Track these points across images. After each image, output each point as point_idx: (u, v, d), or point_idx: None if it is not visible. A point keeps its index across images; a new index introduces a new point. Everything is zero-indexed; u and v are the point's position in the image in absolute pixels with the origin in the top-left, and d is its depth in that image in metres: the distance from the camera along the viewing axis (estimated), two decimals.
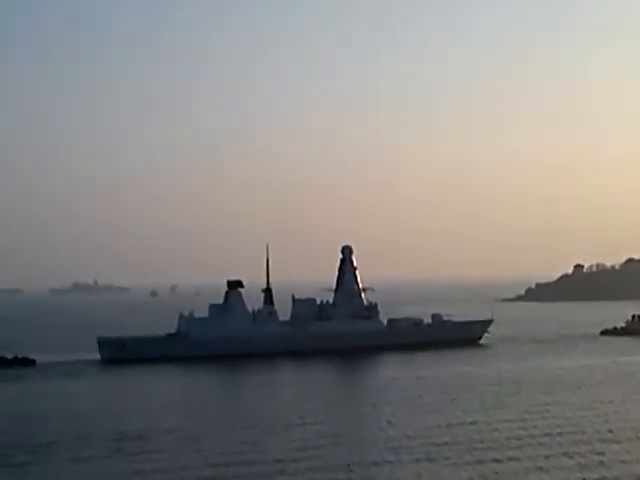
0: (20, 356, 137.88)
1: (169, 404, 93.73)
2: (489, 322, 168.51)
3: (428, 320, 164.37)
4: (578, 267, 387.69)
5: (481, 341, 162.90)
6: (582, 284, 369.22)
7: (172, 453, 65.69)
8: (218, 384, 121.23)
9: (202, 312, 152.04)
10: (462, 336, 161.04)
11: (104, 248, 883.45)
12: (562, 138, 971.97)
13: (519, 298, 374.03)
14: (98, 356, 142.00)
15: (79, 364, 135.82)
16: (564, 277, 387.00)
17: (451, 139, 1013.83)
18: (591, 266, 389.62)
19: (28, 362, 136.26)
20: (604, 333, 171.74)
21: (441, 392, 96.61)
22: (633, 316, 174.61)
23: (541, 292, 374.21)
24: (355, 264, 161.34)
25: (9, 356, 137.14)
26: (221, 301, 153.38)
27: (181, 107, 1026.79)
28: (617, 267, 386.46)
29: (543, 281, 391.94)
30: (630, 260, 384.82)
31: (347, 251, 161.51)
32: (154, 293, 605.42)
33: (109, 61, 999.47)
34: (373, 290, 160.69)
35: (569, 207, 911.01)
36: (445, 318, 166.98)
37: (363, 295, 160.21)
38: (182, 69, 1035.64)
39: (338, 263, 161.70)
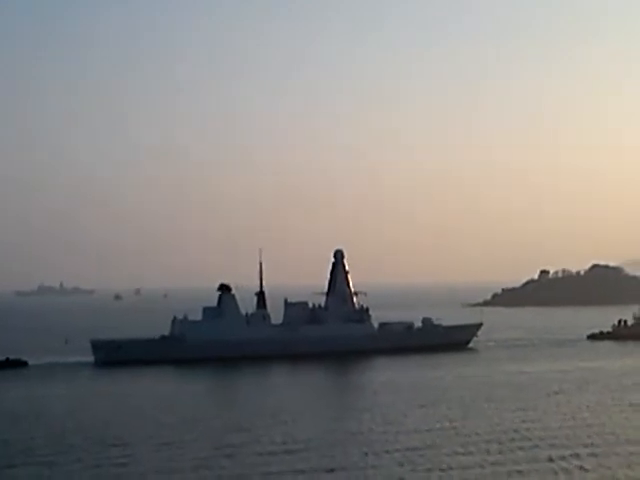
0: (12, 358, 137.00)
1: (159, 407, 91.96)
2: (479, 326, 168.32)
3: (419, 324, 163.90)
4: (544, 273, 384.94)
5: (470, 345, 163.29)
6: (548, 289, 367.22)
7: (152, 457, 64.23)
8: (211, 386, 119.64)
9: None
10: (452, 340, 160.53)
11: (69, 251, 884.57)
12: (529, 151, 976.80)
13: (485, 303, 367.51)
14: (91, 358, 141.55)
15: (73, 366, 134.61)
16: (530, 282, 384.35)
17: (431, 150, 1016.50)
18: (557, 272, 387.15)
19: (20, 364, 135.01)
20: (591, 337, 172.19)
21: (426, 396, 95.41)
22: (619, 321, 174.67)
23: (507, 297, 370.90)
24: (347, 268, 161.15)
25: (0, 358, 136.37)
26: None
27: (164, 111, 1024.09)
28: (582, 273, 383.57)
29: (509, 286, 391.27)
30: (595, 266, 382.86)
31: (339, 255, 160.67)
32: (118, 296, 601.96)
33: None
34: (365, 294, 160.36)
35: (535, 215, 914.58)
36: (435, 322, 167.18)
37: (355, 299, 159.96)
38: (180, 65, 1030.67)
39: (330, 267, 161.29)
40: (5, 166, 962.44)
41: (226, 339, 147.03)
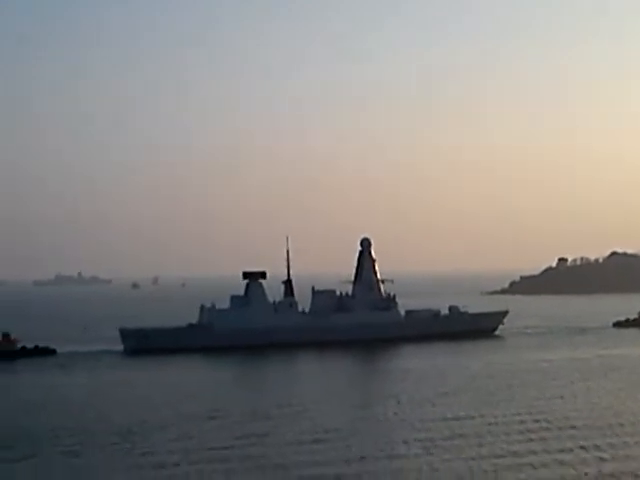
0: (41, 346, 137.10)
1: (185, 395, 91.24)
2: (505, 313, 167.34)
3: (445, 312, 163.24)
4: (562, 260, 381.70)
5: (496, 332, 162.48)
6: (566, 277, 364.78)
7: (174, 446, 63.17)
8: (238, 375, 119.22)
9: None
10: (478, 327, 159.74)
11: (87, 240, 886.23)
12: (546, 135, 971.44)
13: (504, 291, 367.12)
14: (120, 347, 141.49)
15: (101, 355, 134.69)
16: (548, 270, 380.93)
17: (451, 140, 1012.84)
18: (575, 259, 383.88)
19: (48, 352, 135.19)
20: (617, 325, 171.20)
21: (453, 383, 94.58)
22: None
23: (526, 285, 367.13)
24: (374, 256, 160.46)
25: (29, 345, 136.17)
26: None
27: (194, 106, 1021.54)
28: (601, 260, 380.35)
29: (527, 274, 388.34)
30: (614, 254, 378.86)
31: (366, 243, 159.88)
32: (136, 285, 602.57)
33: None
34: (392, 282, 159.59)
35: (554, 201, 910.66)
36: (462, 309, 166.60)
37: (382, 287, 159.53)
38: (194, 64, 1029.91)
39: (357, 255, 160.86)
40: (18, 155, 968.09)
41: (254, 327, 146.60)
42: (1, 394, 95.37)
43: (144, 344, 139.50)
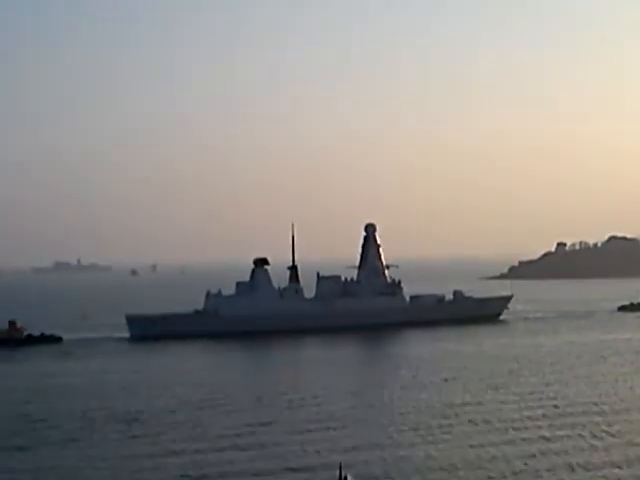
0: (47, 333, 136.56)
1: (189, 382, 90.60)
2: (509, 298, 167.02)
3: (450, 297, 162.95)
4: (561, 245, 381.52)
5: (501, 317, 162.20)
6: (565, 262, 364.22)
7: (174, 434, 62.28)
8: (245, 360, 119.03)
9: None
10: (483, 312, 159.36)
11: (85, 227, 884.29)
12: (544, 121, 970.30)
13: (503, 276, 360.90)
14: (126, 333, 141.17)
15: (107, 341, 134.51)
16: (547, 255, 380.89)
17: (451, 130, 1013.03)
18: (574, 244, 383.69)
19: (54, 339, 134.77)
20: (622, 309, 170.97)
21: (455, 368, 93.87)
22: None
23: (525, 270, 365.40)
24: (379, 242, 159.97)
25: (35, 333, 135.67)
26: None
27: (195, 93, 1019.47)
28: (599, 245, 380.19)
29: (526, 259, 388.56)
30: (613, 238, 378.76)
31: (371, 229, 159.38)
32: (134, 272, 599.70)
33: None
34: (397, 267, 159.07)
35: (552, 187, 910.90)
36: (466, 295, 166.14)
37: (387, 272, 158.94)
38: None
39: (362, 241, 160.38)
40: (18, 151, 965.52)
41: (259, 313, 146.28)
42: (7, 381, 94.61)
43: (150, 330, 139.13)
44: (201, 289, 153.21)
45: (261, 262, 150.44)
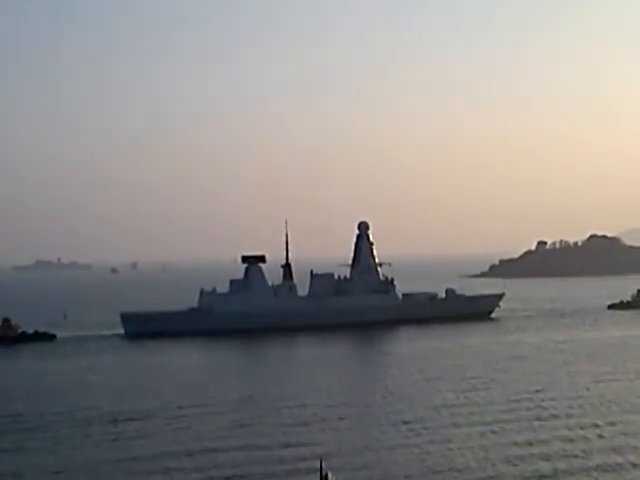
0: (40, 331, 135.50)
1: (182, 379, 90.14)
2: (501, 296, 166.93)
3: (442, 295, 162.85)
4: (541, 244, 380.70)
5: (492, 315, 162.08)
6: (545, 261, 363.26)
7: (169, 435, 61.56)
8: (239, 358, 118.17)
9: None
10: (475, 310, 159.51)
11: (66, 226, 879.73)
12: (527, 122, 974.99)
13: (484, 274, 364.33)
14: (121, 331, 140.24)
15: (102, 339, 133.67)
16: (528, 254, 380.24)
17: (435, 134, 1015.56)
18: (554, 243, 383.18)
19: (48, 337, 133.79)
20: (611, 307, 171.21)
21: (445, 367, 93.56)
22: (638, 290, 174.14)
23: (505, 268, 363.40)
24: (371, 239, 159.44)
25: (29, 331, 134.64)
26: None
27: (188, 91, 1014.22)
28: (580, 244, 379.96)
29: (506, 257, 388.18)
30: (593, 237, 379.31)
31: (363, 227, 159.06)
32: (115, 270, 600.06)
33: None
34: (390, 265, 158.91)
35: (533, 186, 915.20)
36: (458, 293, 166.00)
37: (379, 270, 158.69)
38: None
39: (354, 239, 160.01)
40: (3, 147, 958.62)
41: (253, 311, 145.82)
42: (2, 380, 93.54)
43: (145, 328, 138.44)
44: (183, 287, 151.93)
45: (256, 259, 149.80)
